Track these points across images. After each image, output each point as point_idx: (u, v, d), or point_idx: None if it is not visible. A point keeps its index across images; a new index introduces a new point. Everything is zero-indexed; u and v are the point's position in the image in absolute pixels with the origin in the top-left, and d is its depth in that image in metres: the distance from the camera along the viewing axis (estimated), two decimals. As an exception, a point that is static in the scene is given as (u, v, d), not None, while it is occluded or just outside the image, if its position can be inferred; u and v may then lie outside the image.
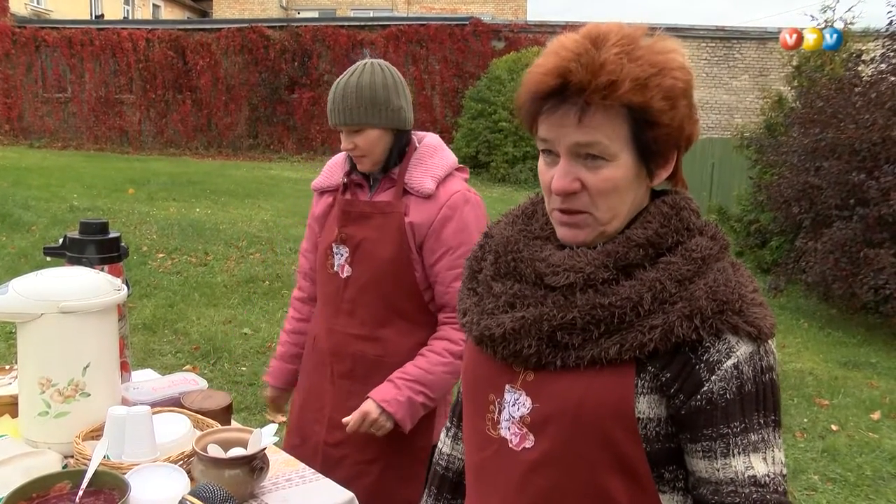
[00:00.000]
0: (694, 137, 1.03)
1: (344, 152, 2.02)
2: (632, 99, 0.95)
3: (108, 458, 1.48)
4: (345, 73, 1.91)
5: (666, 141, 1.00)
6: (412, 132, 1.98)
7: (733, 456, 0.97)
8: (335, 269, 1.99)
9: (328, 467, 1.86)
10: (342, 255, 1.97)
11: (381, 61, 1.94)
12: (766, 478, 0.96)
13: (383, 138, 1.90)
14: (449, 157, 1.98)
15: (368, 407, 1.82)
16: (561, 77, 0.96)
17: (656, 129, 0.98)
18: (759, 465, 0.97)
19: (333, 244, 1.99)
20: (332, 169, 2.08)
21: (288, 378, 2.23)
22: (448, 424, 1.37)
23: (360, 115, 1.86)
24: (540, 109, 1.00)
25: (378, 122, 1.88)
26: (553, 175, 1.02)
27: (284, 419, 2.24)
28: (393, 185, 1.93)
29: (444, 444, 1.37)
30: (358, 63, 1.92)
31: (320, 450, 1.98)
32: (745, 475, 0.96)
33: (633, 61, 0.95)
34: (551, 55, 0.99)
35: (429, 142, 1.99)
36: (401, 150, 1.94)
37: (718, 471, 0.98)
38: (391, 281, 1.92)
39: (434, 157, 1.95)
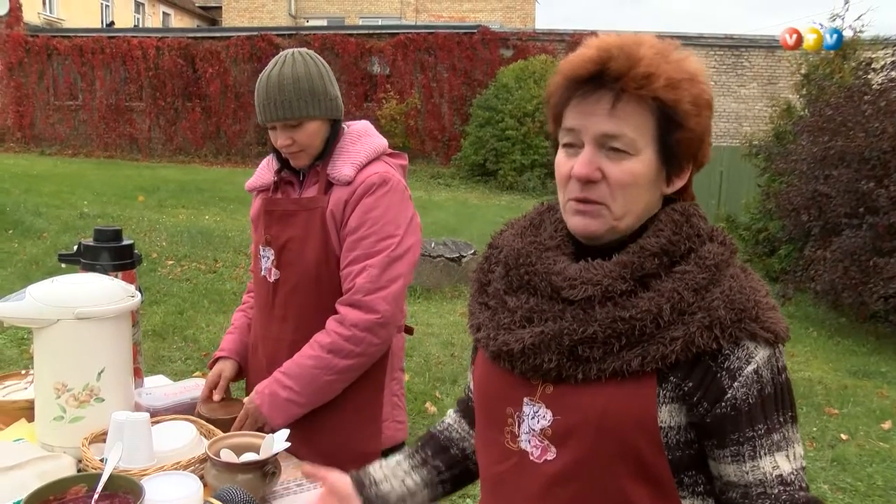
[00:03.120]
0: (706, 158, 1.07)
1: (271, 155, 1.96)
2: (664, 95, 0.98)
3: (104, 461, 1.48)
4: (270, 65, 1.82)
5: (688, 146, 1.03)
6: (342, 121, 1.91)
7: (760, 457, 1.00)
8: (263, 272, 1.92)
9: None
10: (268, 258, 1.89)
11: (304, 50, 1.86)
12: (792, 475, 1.00)
13: (321, 130, 1.83)
14: (374, 142, 1.89)
15: (247, 399, 1.78)
16: (601, 63, 0.99)
17: (681, 132, 1.01)
18: (783, 464, 1.00)
19: (261, 246, 1.92)
20: (265, 168, 2.00)
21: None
22: (457, 408, 1.39)
23: (301, 107, 1.78)
24: (572, 95, 1.02)
25: (318, 112, 1.80)
26: (573, 164, 1.03)
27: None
28: (318, 180, 1.85)
29: (449, 416, 1.39)
30: (280, 54, 1.83)
31: None
32: (773, 475, 1.00)
33: (668, 63, 1.00)
34: (591, 47, 1.02)
35: (355, 128, 1.91)
36: (334, 140, 1.86)
37: (747, 473, 1.01)
38: (321, 282, 1.83)
39: (357, 143, 1.87)
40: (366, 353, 1.79)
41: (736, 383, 0.98)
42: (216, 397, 1.92)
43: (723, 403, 0.98)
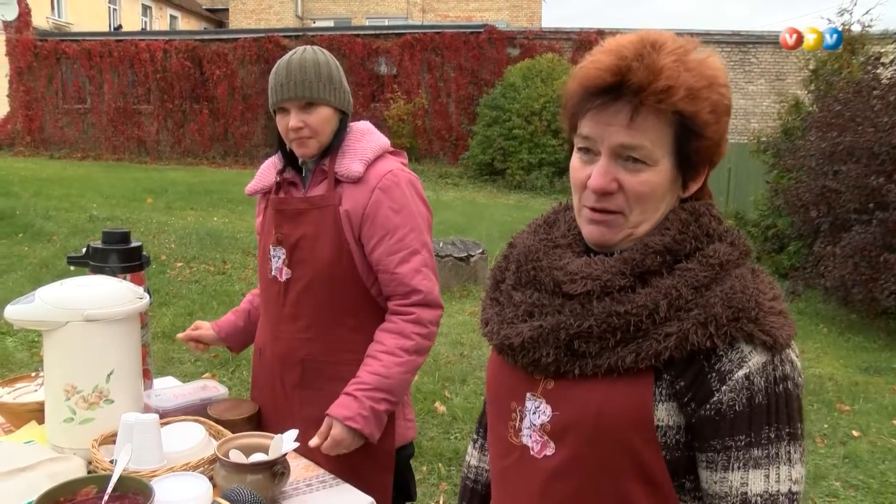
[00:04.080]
0: (722, 155, 1.05)
1: (272, 158, 1.99)
2: (684, 107, 0.96)
3: (114, 462, 1.48)
4: (289, 53, 1.85)
5: (705, 154, 1.01)
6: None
7: (732, 470, 0.97)
8: (273, 273, 1.92)
9: None
10: (279, 258, 1.90)
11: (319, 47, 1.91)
12: (759, 498, 0.96)
13: (333, 119, 1.85)
14: (378, 140, 1.92)
15: (336, 431, 1.74)
16: (620, 75, 0.97)
17: (700, 141, 0.99)
18: (755, 483, 0.96)
19: (270, 246, 1.92)
20: (265, 172, 2.02)
21: (236, 335, 2.15)
22: (475, 436, 1.37)
23: (319, 89, 1.81)
24: (589, 105, 1.00)
25: (333, 98, 1.84)
26: (589, 172, 1.02)
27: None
28: (325, 178, 1.87)
29: (471, 456, 1.37)
30: (297, 48, 1.87)
31: None
32: (738, 492, 0.96)
33: (688, 71, 0.97)
34: (609, 53, 0.99)
35: (357, 127, 1.94)
36: (341, 136, 1.89)
37: (716, 484, 0.98)
38: (334, 279, 1.84)
39: (361, 140, 1.89)
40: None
41: (724, 387, 0.95)
42: (181, 336, 2.13)
43: (708, 406, 0.96)
